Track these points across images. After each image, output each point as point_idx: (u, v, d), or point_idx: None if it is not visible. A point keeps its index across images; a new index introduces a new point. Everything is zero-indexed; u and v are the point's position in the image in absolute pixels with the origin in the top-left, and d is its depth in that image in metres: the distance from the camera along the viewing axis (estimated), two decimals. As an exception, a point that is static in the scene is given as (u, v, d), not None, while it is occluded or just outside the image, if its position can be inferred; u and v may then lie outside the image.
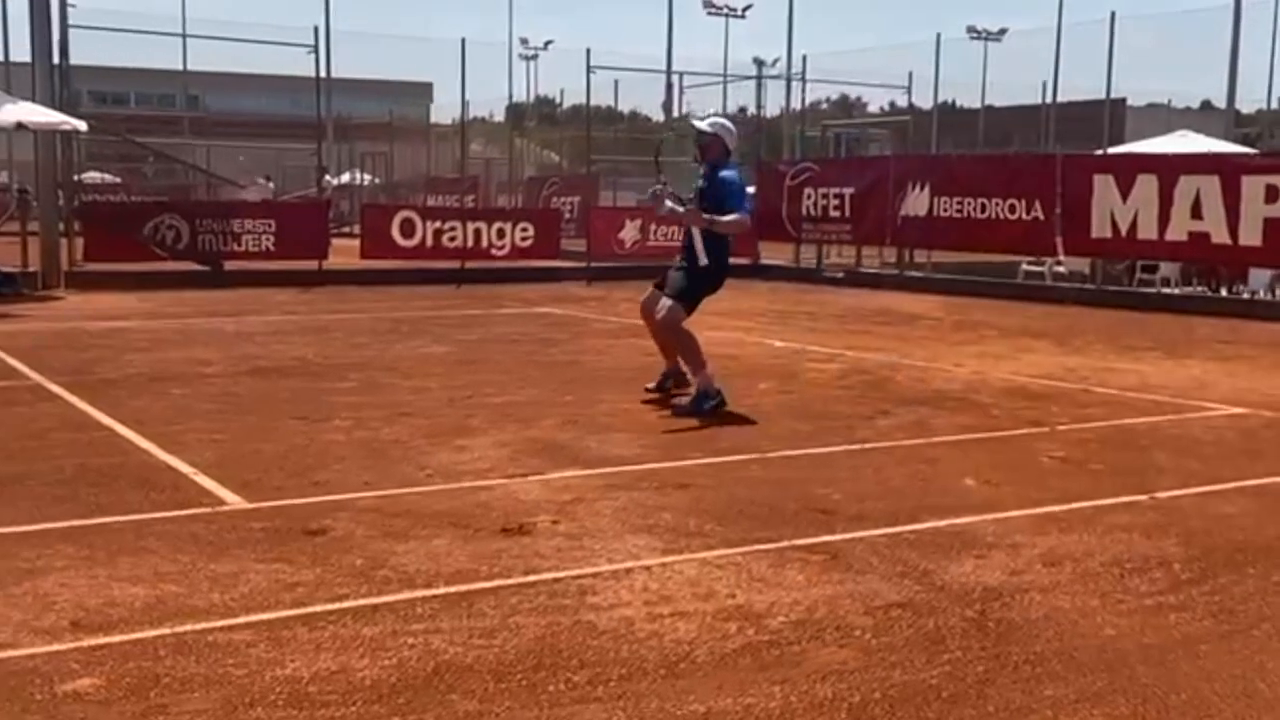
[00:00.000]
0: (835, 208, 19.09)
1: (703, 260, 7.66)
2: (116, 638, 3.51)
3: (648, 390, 7.86)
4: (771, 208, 20.16)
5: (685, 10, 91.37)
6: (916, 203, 17.74)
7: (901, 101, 29.52)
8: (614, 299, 15.53)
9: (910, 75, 27.38)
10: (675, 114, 31.43)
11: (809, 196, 19.45)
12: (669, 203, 7.79)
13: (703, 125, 7.85)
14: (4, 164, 24.39)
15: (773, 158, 24.75)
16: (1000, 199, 16.60)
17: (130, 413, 6.93)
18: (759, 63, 37.12)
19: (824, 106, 42.14)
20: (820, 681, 3.31)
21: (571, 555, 4.40)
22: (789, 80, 26.89)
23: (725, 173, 7.65)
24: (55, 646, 3.43)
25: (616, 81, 27.50)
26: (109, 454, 5.94)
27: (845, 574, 4.25)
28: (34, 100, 15.57)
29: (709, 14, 50.87)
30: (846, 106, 47.06)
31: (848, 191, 18.90)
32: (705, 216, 7.52)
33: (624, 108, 34.46)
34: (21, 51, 18.90)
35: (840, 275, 19.41)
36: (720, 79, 30.56)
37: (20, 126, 15.24)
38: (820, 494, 5.36)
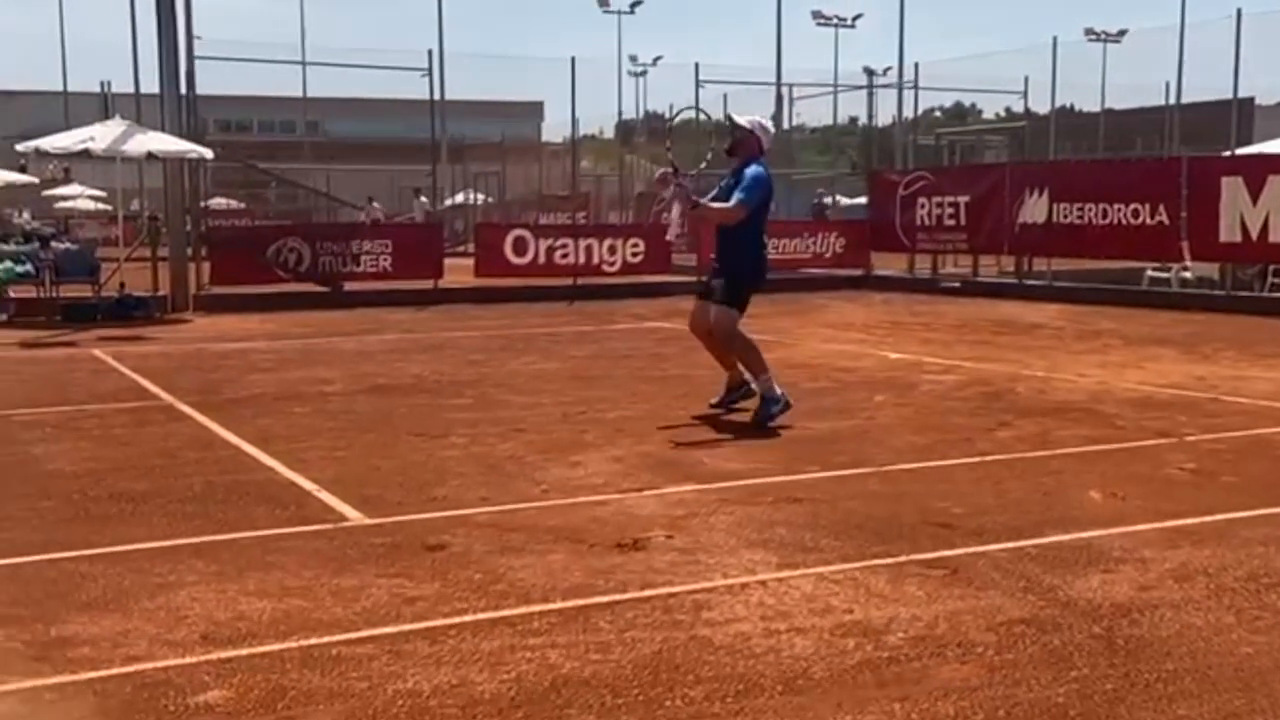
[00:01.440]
0: (950, 216, 18.79)
1: (734, 261, 7.69)
2: (245, 650, 3.60)
3: (712, 406, 7.76)
4: (884, 217, 19.94)
5: (794, 22, 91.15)
6: (1035, 209, 17.36)
7: (1017, 107, 28.96)
8: (725, 313, 15.49)
9: (1026, 80, 26.83)
10: (786, 125, 31.29)
11: (923, 206, 19.18)
12: (674, 186, 7.50)
13: (741, 120, 7.73)
14: (136, 192, 25.38)
15: (885, 167, 24.47)
16: (1123, 204, 16.15)
17: (255, 431, 7.13)
18: (869, 72, 36.72)
19: (937, 114, 41.60)
20: (942, 699, 3.24)
21: (686, 570, 4.39)
22: (900, 88, 26.54)
23: (751, 169, 7.51)
24: (187, 659, 3.54)
25: (725, 95, 27.40)
26: (236, 471, 6.12)
27: (966, 589, 4.16)
28: (163, 130, 16.18)
29: (818, 25, 50.58)
30: (960, 114, 46.34)
31: (963, 200, 18.58)
32: (692, 198, 7.41)
33: (733, 121, 34.38)
34: (151, 83, 19.67)
35: (956, 285, 19.08)
36: (830, 89, 30.35)
37: (151, 156, 15.82)
38: (939, 508, 5.26)
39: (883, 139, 30.39)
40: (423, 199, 28.01)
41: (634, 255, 19.02)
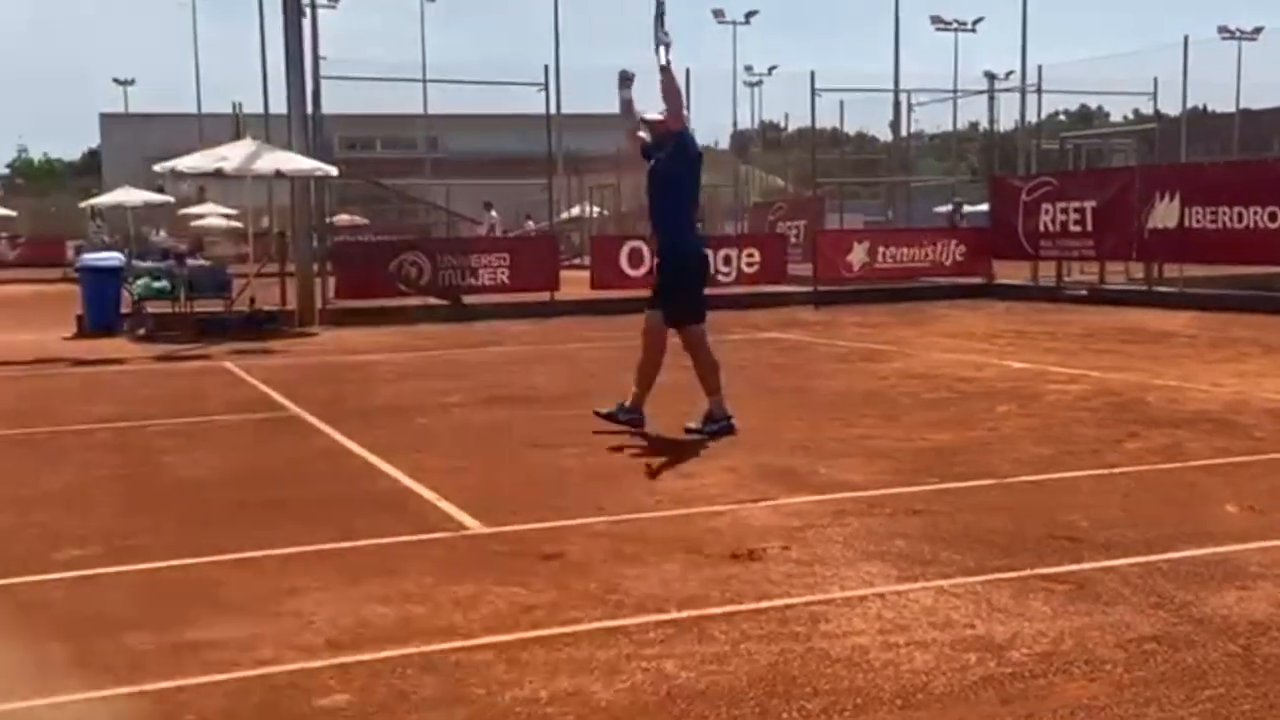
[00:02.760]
0: (1075, 222, 18.33)
1: (674, 240, 7.58)
2: (367, 656, 3.67)
3: (688, 430, 7.43)
4: (1006, 224, 19.54)
5: (912, 27, 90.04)
6: (1165, 214, 16.83)
7: (1146, 109, 28.10)
8: (842, 323, 15.36)
9: (1155, 81, 26.03)
10: (904, 133, 30.88)
11: (1047, 212, 18.74)
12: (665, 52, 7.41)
13: (652, 116, 7.64)
14: (265, 210, 26.19)
15: (1007, 173, 23.97)
16: (1260, 207, 15.55)
17: (378, 442, 7.28)
18: (991, 76, 36.09)
19: (1061, 118, 40.62)
20: (1068, 717, 3.15)
21: (803, 581, 4.35)
22: (1024, 92, 25.97)
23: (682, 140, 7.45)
24: (312, 663, 3.62)
25: (842, 102, 27.19)
26: (360, 481, 6.26)
27: (1093, 605, 4.03)
28: (291, 149, 16.67)
29: (938, 30, 49.86)
30: (1086, 117, 45.19)
31: (1089, 205, 18.11)
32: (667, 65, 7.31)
33: (850, 129, 34.05)
34: (280, 104, 20.28)
35: (1082, 293, 18.58)
36: (949, 95, 29.83)
37: (279, 174, 16.33)
38: (1065, 520, 5.12)
39: (1004, 144, 29.79)
40: (493, 212, 28.32)
41: (749, 265, 18.96)
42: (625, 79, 7.73)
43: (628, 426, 7.40)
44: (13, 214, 45.52)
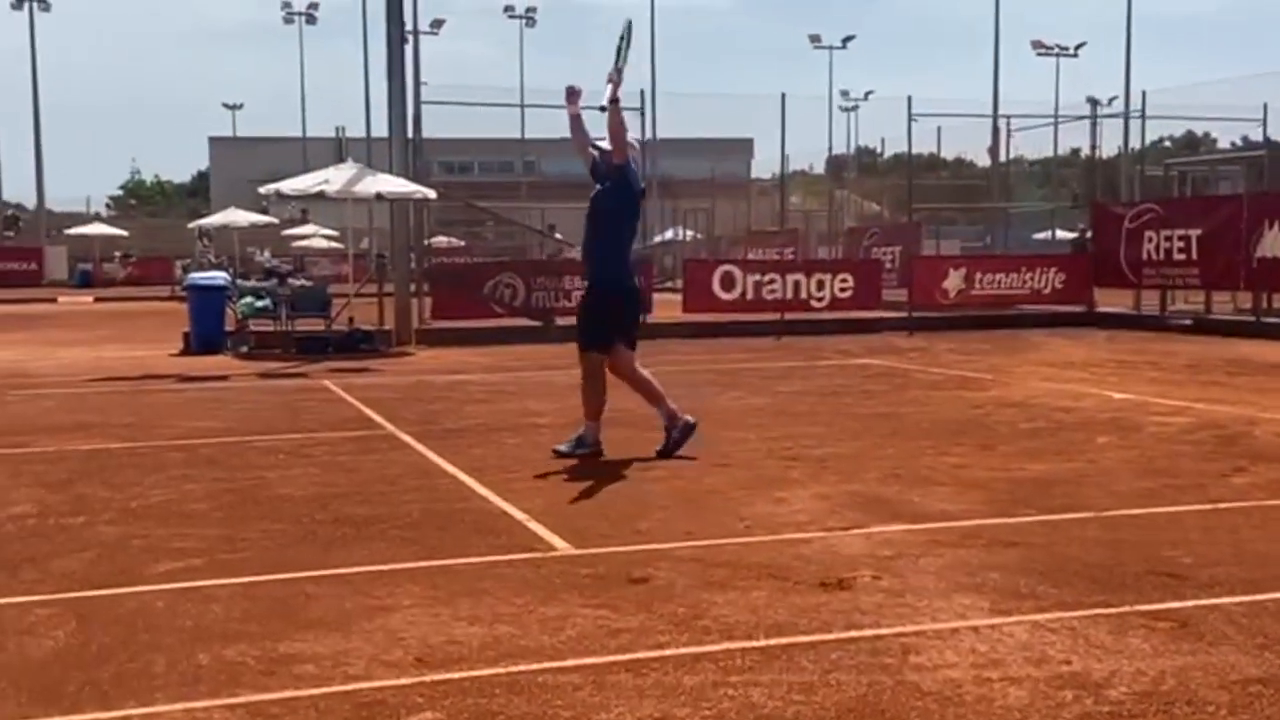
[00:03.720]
0: (1180, 250, 17.88)
1: (601, 276, 7.61)
2: (456, 674, 3.70)
3: (658, 453, 7.43)
4: (1108, 252, 19.14)
5: (1012, 52, 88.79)
6: (1274, 243, 16.34)
7: (1255, 135, 27.36)
8: (937, 350, 15.15)
9: (1265, 107, 25.35)
10: (1004, 158, 30.45)
11: (1150, 239, 18.31)
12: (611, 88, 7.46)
13: (605, 144, 7.68)
14: (365, 231, 26.72)
15: (1109, 200, 23.47)
16: (1376, 235, 15.01)
17: (470, 461, 7.36)
18: (1093, 102, 35.50)
19: (1166, 144, 39.68)
20: (1169, 761, 3.05)
21: (894, 612, 4.28)
22: (1127, 118, 25.48)
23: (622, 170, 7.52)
24: (401, 680, 3.66)
25: (939, 128, 26.93)
26: (451, 499, 6.33)
27: (1197, 644, 3.91)
28: (391, 172, 17.00)
29: (1039, 54, 49.16)
30: (1192, 143, 44.08)
31: (1194, 233, 17.65)
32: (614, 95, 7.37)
33: (947, 154, 33.71)
34: (381, 128, 20.70)
35: (1187, 322, 18.10)
36: (1050, 120, 29.36)
37: (379, 197, 16.65)
38: (1167, 556, 4.97)
39: (1107, 171, 29.22)
40: (557, 234, 28.42)
41: (843, 291, 18.82)
42: (571, 94, 7.80)
43: (591, 456, 7.41)
44: (125, 233, 47.13)
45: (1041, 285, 19.67)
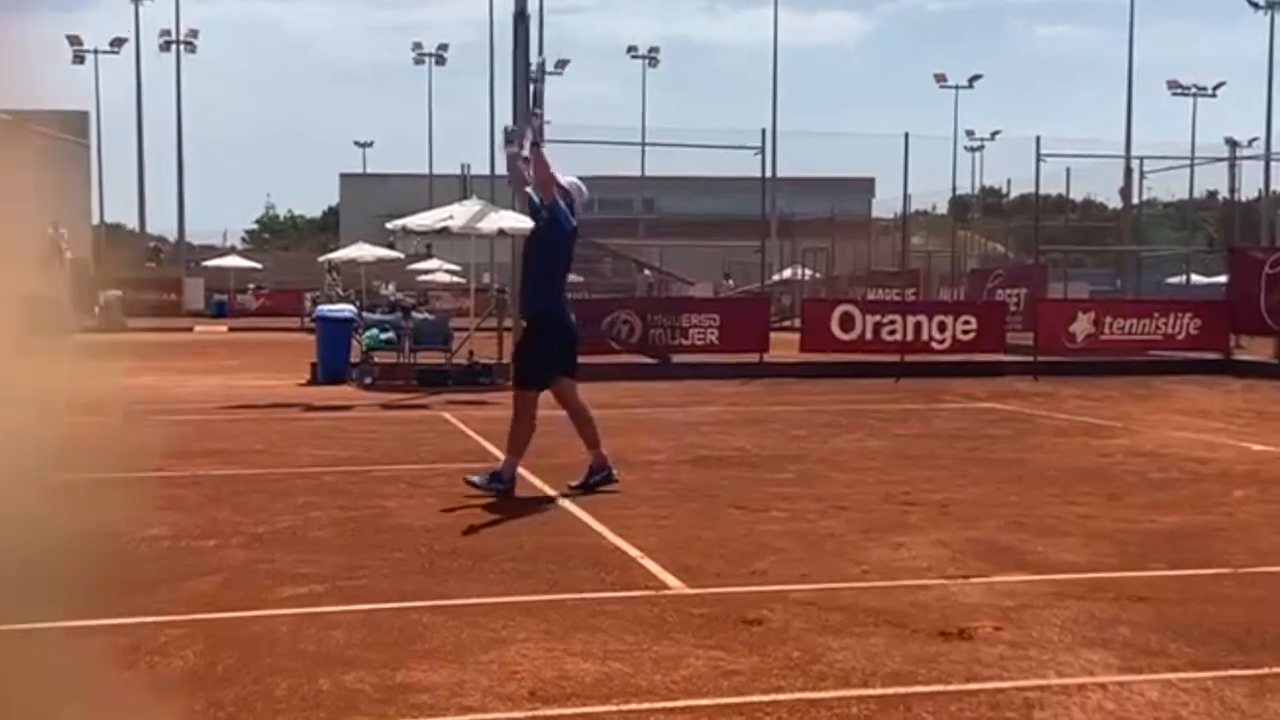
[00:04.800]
0: (1323, 297, 17.15)
1: (536, 312, 7.68)
2: (569, 710, 3.70)
3: (571, 487, 7.52)
4: (1247, 298, 18.47)
5: (1146, 92, 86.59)
6: None
7: None
8: (1063, 395, 14.76)
9: None
10: (1136, 199, 29.66)
11: (1291, 285, 17.62)
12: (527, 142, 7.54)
13: (560, 179, 7.79)
14: (487, 267, 27.17)
15: (1248, 244, 22.69)
16: None
17: (585, 497, 7.39)
18: (1232, 143, 34.37)
19: (1309, 186, 38.16)
20: (1312, 835, 2.89)
21: (1016, 665, 4.16)
22: (1268, 160, 24.65)
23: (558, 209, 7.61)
24: (515, 714, 3.68)
25: (1068, 168, 26.33)
26: (565, 534, 6.36)
27: (1342, 712, 3.71)
28: (514, 209, 17.27)
29: (1174, 95, 47.90)
30: (1338, 185, 42.34)
31: (1338, 278, 16.93)
32: (537, 143, 7.46)
33: (1076, 195, 32.92)
34: (505, 165, 21.05)
35: (1330, 371, 17.33)
36: (1186, 162, 28.53)
37: (501, 233, 16.93)
38: (1308, 618, 4.74)
39: (1246, 214, 28.22)
40: (646, 271, 28.39)
41: (965, 333, 18.47)
42: (508, 136, 7.89)
43: (503, 495, 7.38)
44: (258, 266, 48.74)
45: (1175, 331, 19.04)
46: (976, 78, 58.82)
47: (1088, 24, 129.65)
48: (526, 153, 7.73)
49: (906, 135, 25.16)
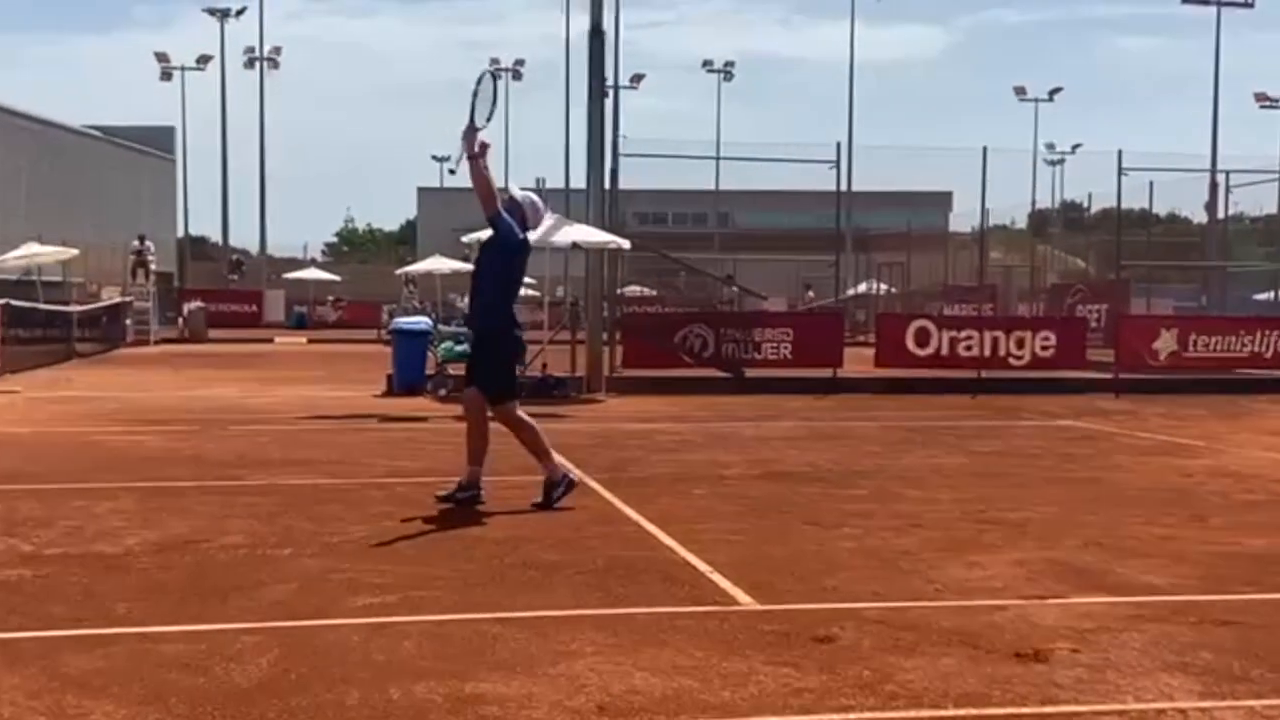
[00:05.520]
0: None
1: (487, 325, 7.66)
2: (635, 724, 3.69)
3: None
4: (1336, 314, 17.93)
5: (1233, 104, 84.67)
6: None
7: None
8: (1145, 414, 14.46)
9: None
10: (1222, 214, 28.99)
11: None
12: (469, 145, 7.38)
13: (515, 192, 7.81)
14: (561, 280, 27.35)
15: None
16: None
17: (656, 510, 7.38)
18: (1323, 156, 33.41)
19: (1404, 200, 37.01)
20: None
21: (1093, 689, 4.07)
22: (1364, 171, 23.90)
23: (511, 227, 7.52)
24: (583, 726, 3.67)
25: (1151, 182, 25.84)
26: (636, 548, 6.35)
27: None
28: (587, 222, 17.37)
29: (1262, 108, 46.82)
30: None
31: None
32: (477, 151, 7.30)
33: (1159, 209, 32.28)
34: (579, 179, 21.20)
35: None
36: (1275, 176, 27.82)
37: (575, 246, 17.03)
38: (1402, 646, 4.58)
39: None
40: (734, 288, 28.21)
41: (1044, 349, 18.19)
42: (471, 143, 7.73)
43: (468, 504, 7.38)
44: (337, 279, 49.51)
45: (1263, 349, 18.56)
46: (1057, 90, 58.06)
47: (1172, 35, 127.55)
48: (453, 166, 7.59)
49: (985, 149, 24.87)
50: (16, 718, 3.70)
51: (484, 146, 7.52)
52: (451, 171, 7.64)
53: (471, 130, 7.48)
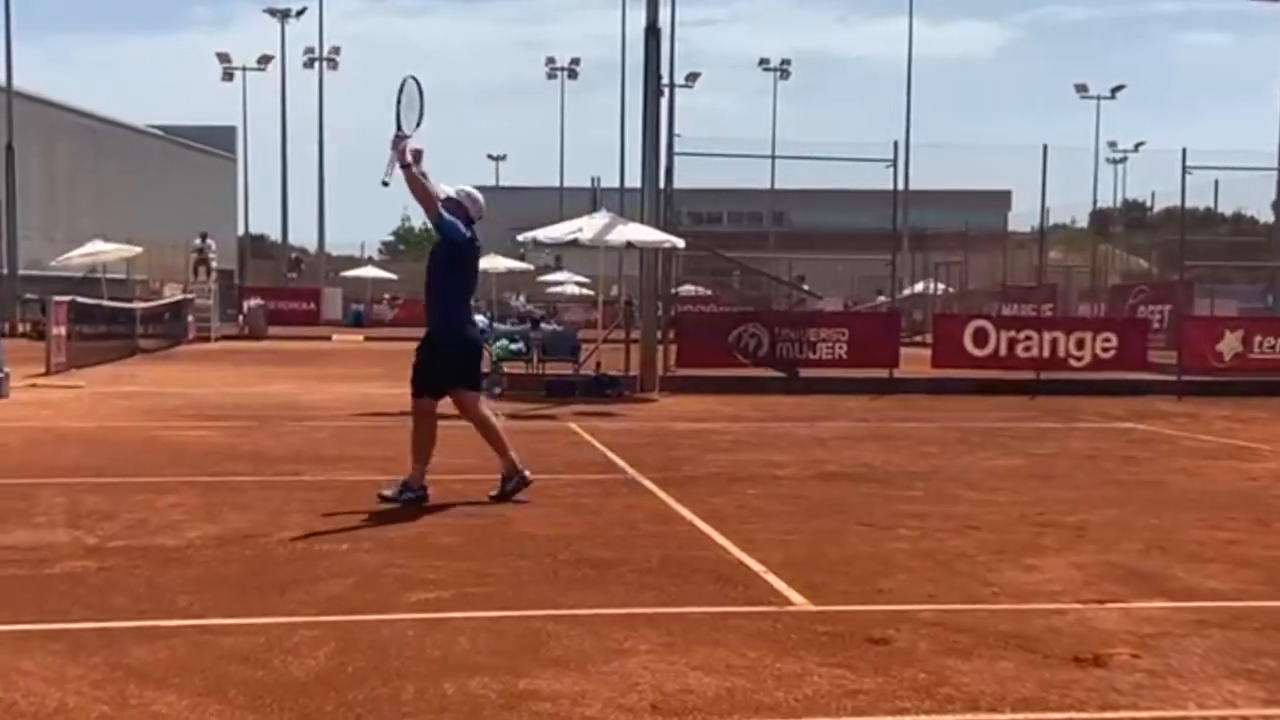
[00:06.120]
0: None
1: (437, 325, 7.71)
2: (689, 723, 3.69)
3: (491, 498, 7.54)
4: None
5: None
6: None
7: None
8: (1208, 416, 14.22)
9: None
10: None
11: None
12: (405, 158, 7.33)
13: (449, 191, 7.79)
14: (615, 279, 27.40)
15: None
16: None
17: (709, 510, 7.37)
18: (1395, 154, 32.61)
19: None
20: None
21: (1154, 695, 4.01)
22: None
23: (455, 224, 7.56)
24: (635, 724, 3.68)
25: (1216, 181, 25.35)
26: (689, 547, 6.35)
27: None
28: (642, 221, 17.38)
29: (1330, 103, 45.78)
30: None
31: None
32: (409, 158, 7.33)
33: (1225, 208, 31.68)
34: (634, 178, 21.21)
35: None
36: (1345, 173, 27.20)
37: (630, 245, 17.05)
38: None
39: None
40: (805, 285, 27.95)
41: (1105, 350, 17.93)
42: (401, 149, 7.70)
43: (414, 504, 7.37)
44: (394, 277, 49.96)
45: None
46: (1119, 88, 57.20)
47: (1237, 31, 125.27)
48: (386, 178, 7.54)
49: (1045, 147, 24.49)
50: (81, 707, 3.77)
51: (417, 153, 7.53)
52: (385, 183, 7.55)
53: (399, 138, 7.46)
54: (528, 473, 7.74)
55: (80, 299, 20.49)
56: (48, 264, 33.22)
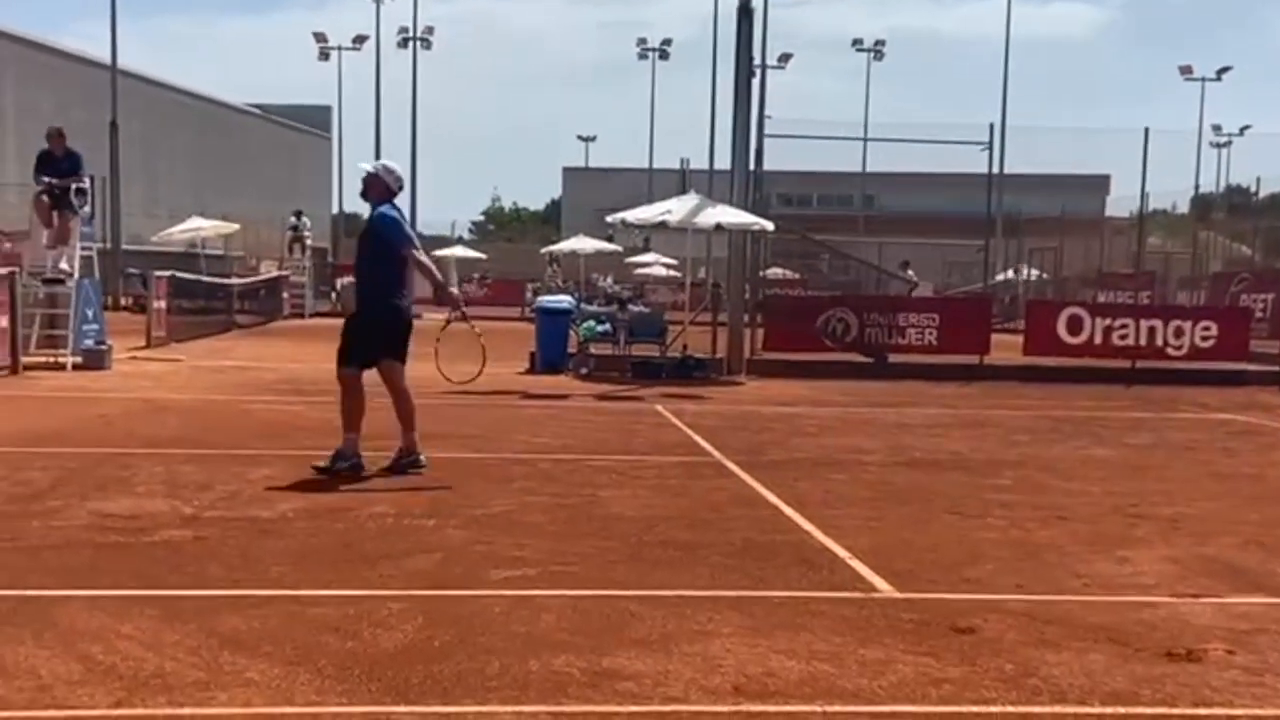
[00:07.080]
0: None
1: (369, 301, 7.93)
2: (772, 707, 3.69)
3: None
4: None
5: None
6: None
7: None
8: (1313, 408, 13.77)
9: None
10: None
11: None
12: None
13: (366, 166, 7.94)
14: (703, 261, 27.37)
15: None
16: None
17: (794, 494, 7.34)
18: None
19: None
20: None
21: (1249, 692, 3.91)
22: None
23: (380, 212, 7.81)
24: (718, 707, 3.69)
25: (1325, 166, 24.57)
26: (773, 531, 6.33)
27: None
28: (731, 204, 17.31)
29: None
30: None
31: None
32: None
33: (1333, 194, 30.58)
34: (724, 159, 21.13)
35: None
36: None
37: (718, 228, 16.99)
38: None
39: None
40: (909, 272, 27.39)
41: (1204, 339, 17.47)
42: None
43: (350, 473, 7.51)
44: (483, 256, 50.42)
45: None
46: (1225, 70, 55.44)
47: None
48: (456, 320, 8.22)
49: (1146, 130, 23.99)
50: (177, 672, 3.88)
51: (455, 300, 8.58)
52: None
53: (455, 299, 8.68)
54: (424, 457, 7.88)
55: (180, 274, 21.01)
56: (149, 239, 34.10)
